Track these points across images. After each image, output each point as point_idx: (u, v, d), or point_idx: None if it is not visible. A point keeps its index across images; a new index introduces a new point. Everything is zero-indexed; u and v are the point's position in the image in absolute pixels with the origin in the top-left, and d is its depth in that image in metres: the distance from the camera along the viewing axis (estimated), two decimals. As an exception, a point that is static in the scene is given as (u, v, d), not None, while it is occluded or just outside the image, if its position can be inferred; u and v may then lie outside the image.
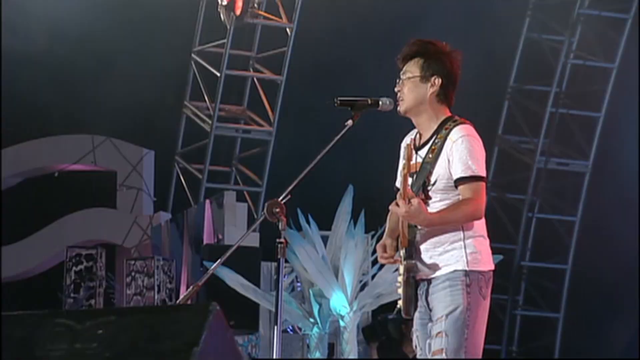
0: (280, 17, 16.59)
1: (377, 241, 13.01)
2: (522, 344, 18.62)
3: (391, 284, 13.04)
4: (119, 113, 16.04)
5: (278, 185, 15.46)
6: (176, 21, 16.63)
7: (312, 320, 13.59)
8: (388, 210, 5.94)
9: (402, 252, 6.13)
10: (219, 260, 7.87)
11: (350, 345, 13.47)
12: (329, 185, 14.48)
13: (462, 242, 6.10)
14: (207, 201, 15.29)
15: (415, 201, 5.83)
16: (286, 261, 13.56)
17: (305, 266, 13.37)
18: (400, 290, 6.22)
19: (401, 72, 6.15)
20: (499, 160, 18.22)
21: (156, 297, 14.85)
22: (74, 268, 15.20)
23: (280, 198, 5.63)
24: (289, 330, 14.92)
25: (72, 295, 15.07)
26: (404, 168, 6.10)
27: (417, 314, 6.19)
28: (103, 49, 15.71)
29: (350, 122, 6.06)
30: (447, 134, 6.00)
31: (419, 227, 6.17)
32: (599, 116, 17.88)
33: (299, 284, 14.86)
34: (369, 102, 6.20)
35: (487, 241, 6.24)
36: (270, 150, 17.08)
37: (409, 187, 6.02)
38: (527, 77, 18.48)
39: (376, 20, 17.06)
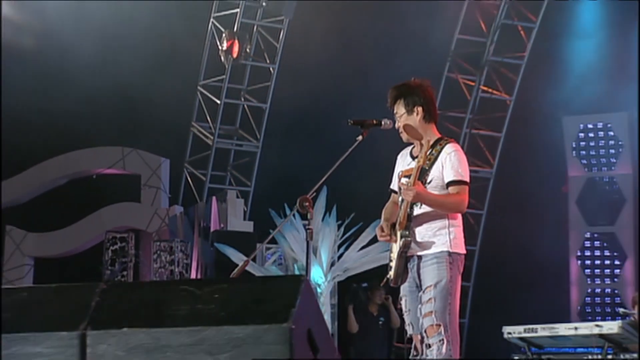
0: (265, 60, 16.76)
1: (345, 229, 13.41)
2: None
3: (355, 261, 13.97)
4: (143, 131, 16.37)
5: (263, 186, 16.78)
6: (186, 62, 16.83)
7: None
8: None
9: (398, 233, 6.50)
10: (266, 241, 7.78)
11: (324, 306, 13.30)
12: (309, 185, 14.89)
13: (447, 230, 6.49)
14: (214, 198, 15.37)
15: (420, 185, 6.36)
16: (276, 243, 14.54)
17: (292, 247, 13.60)
18: (392, 264, 6.62)
19: (394, 114, 6.66)
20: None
21: (175, 270, 15.13)
22: (110, 247, 15.67)
23: (309, 195, 6.30)
24: None
25: (109, 268, 15.64)
26: (415, 171, 6.50)
27: (406, 284, 6.57)
28: (128, 82, 15.35)
29: (360, 137, 6.71)
30: (442, 148, 6.47)
31: (415, 212, 6.53)
32: (500, 135, 18.09)
33: (281, 261, 14.83)
34: (374, 122, 6.72)
35: (462, 230, 6.65)
36: (257, 159, 17.24)
37: (417, 179, 6.43)
38: (448, 106, 17.91)
39: (345, 57, 16.64)
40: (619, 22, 17.30)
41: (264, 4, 16.32)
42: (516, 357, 12.13)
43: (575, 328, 10.80)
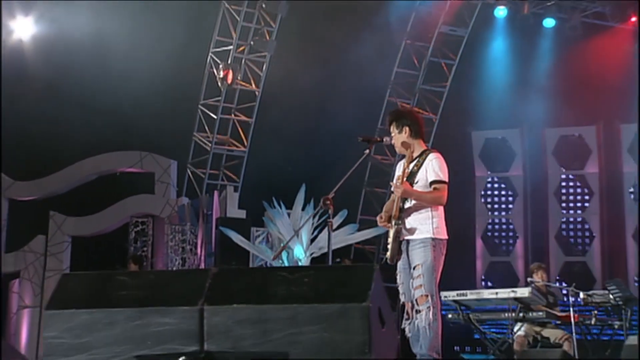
0: (252, 85, 16.98)
1: (321, 216, 13.01)
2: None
3: (326, 241, 14.32)
4: (156, 138, 16.53)
5: (248, 182, 17.10)
6: (190, 86, 17.05)
7: (281, 261, 13.40)
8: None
9: (392, 222, 6.58)
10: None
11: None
12: (291, 182, 14.78)
13: (430, 220, 6.57)
14: (216, 192, 15.59)
15: (407, 184, 6.49)
16: (263, 226, 15.00)
17: (280, 230, 13.77)
18: (389, 246, 6.65)
19: (390, 132, 6.76)
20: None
21: (187, 247, 15.50)
22: (134, 229, 16.08)
23: (330, 195, 6.38)
24: (257, 263, 14.66)
25: (132, 245, 16.00)
26: (401, 174, 6.70)
27: (400, 262, 6.63)
28: (145, 101, 15.54)
29: (367, 150, 6.83)
30: (426, 157, 6.64)
31: (406, 205, 6.59)
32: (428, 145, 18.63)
33: (263, 241, 15.21)
34: (378, 139, 6.94)
35: (444, 220, 6.71)
36: (244, 162, 17.42)
37: (405, 180, 6.59)
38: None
39: (313, 82, 16.47)
40: (519, 59, 17.78)
41: (251, 43, 16.49)
42: (450, 315, 11.98)
43: (497, 293, 10.98)
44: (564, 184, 18.32)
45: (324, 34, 16.29)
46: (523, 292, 10.59)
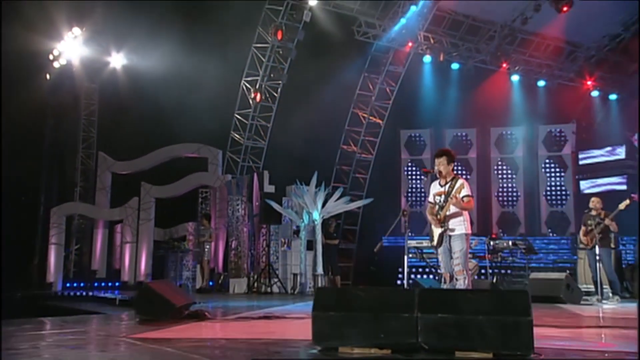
0: (269, 102, 16.60)
1: (327, 194, 13.13)
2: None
3: (332, 208, 13.22)
4: (208, 135, 16.23)
5: (267, 166, 16.28)
6: (231, 102, 16.78)
7: (301, 220, 13.15)
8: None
9: (439, 224, 6.24)
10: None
11: (318, 235, 12.96)
12: (309, 169, 13.88)
13: (464, 222, 6.21)
14: (255, 173, 14.66)
15: (456, 197, 6.05)
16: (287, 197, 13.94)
17: (305, 202, 13.00)
18: (435, 236, 6.29)
19: (436, 160, 6.34)
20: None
21: (236, 209, 14.55)
22: (200, 195, 15.99)
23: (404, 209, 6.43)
24: (285, 221, 13.87)
25: (201, 207, 15.89)
26: (437, 194, 6.29)
27: (442, 248, 6.24)
28: (203, 113, 15.09)
29: (425, 177, 6.91)
30: (456, 181, 6.23)
31: (448, 213, 6.17)
32: (376, 140, 18.10)
33: (290, 207, 13.63)
34: (432, 170, 6.44)
35: (470, 221, 6.27)
36: (264, 151, 16.93)
37: (443, 199, 6.19)
38: (353, 126, 18.00)
39: (307, 99, 16.02)
40: (436, 87, 17.38)
41: (271, 75, 16.15)
42: (410, 255, 11.60)
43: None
44: (455, 164, 18.87)
45: (315, 71, 15.87)
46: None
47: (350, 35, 15.68)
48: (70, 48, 16.18)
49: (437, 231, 6.27)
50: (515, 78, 17.59)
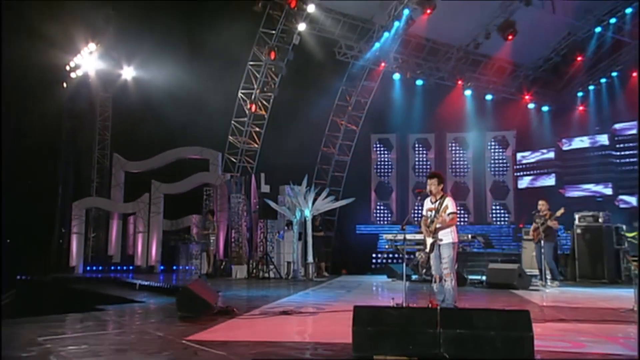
0: (263, 111, 16.33)
1: (316, 193, 12.93)
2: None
3: (320, 206, 12.96)
4: (209, 139, 16.01)
5: (260, 166, 16.21)
6: (228, 110, 16.42)
7: (294, 217, 12.95)
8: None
9: (431, 234, 6.16)
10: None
11: (308, 229, 12.79)
12: (295, 168, 14.33)
13: (451, 233, 6.17)
14: (253, 175, 14.56)
15: (442, 216, 5.97)
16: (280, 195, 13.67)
17: (298, 201, 12.84)
18: (428, 245, 6.23)
19: (429, 181, 6.25)
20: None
21: (240, 207, 14.18)
22: (205, 193, 15.40)
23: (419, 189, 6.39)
24: (280, 217, 13.56)
25: (205, 203, 15.39)
26: (429, 209, 6.18)
27: (433, 254, 6.20)
28: (206, 120, 15.10)
29: (419, 197, 6.39)
30: (444, 199, 6.14)
31: (437, 226, 6.11)
32: (352, 144, 17.72)
33: (284, 204, 13.31)
34: (424, 190, 6.32)
35: (456, 231, 6.21)
36: (257, 153, 16.56)
37: (433, 214, 6.07)
38: (333, 131, 17.65)
39: (295, 111, 15.77)
40: (403, 99, 17.27)
41: (265, 89, 15.87)
42: (387, 246, 12.04)
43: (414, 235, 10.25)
44: (417, 160, 18.90)
45: (302, 85, 15.92)
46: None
47: (332, 56, 15.65)
48: (87, 61, 15.93)
49: (429, 240, 6.24)
50: (468, 92, 17.84)
